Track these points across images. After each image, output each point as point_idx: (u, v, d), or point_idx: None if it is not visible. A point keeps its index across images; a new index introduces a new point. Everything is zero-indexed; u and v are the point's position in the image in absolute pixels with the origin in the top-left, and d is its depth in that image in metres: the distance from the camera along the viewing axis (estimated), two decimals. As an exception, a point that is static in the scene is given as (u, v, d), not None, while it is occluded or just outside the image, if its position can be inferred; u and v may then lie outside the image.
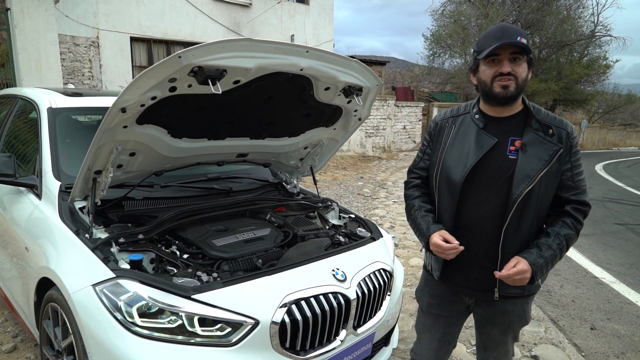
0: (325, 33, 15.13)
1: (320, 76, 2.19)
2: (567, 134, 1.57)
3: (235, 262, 2.07)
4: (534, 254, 1.56)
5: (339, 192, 8.56)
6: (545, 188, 1.56)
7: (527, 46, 1.51)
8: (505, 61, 1.53)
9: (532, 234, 1.61)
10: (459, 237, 1.65)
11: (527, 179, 1.53)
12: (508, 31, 1.52)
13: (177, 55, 1.63)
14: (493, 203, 1.60)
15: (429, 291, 1.87)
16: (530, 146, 1.55)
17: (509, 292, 1.63)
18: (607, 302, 3.88)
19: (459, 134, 1.69)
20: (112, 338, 1.67)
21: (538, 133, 1.56)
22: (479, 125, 1.64)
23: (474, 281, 1.69)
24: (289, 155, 2.97)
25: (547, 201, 1.60)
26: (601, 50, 26.69)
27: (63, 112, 2.76)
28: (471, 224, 1.64)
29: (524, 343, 3.08)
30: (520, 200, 1.54)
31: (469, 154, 1.62)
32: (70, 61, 9.59)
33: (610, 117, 39.21)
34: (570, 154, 1.57)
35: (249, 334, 1.73)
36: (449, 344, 1.88)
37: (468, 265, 1.69)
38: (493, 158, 1.60)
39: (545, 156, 1.53)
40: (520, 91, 1.56)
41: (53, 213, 2.19)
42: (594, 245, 5.65)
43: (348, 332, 2.04)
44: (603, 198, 9.23)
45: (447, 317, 1.83)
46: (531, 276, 1.55)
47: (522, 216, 1.56)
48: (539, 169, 1.52)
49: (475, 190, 1.62)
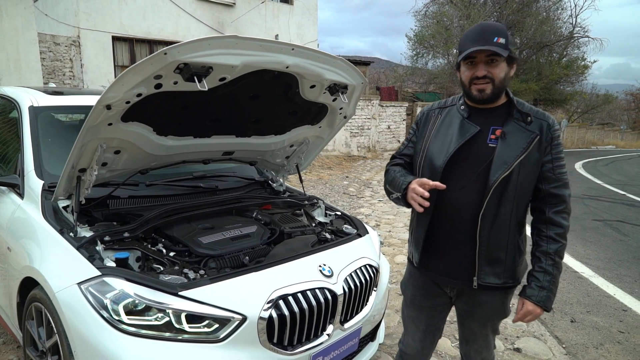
0: (309, 33, 15.15)
1: (306, 74, 2.20)
2: (547, 125, 1.60)
3: (222, 259, 2.07)
4: (534, 290, 1.61)
5: (324, 191, 8.58)
6: (524, 177, 1.58)
7: (503, 47, 1.52)
8: (481, 64, 1.56)
9: (511, 223, 1.62)
10: (440, 223, 1.71)
11: (504, 165, 1.56)
12: (486, 33, 1.54)
13: (163, 52, 1.63)
14: (472, 190, 1.63)
15: (412, 283, 1.91)
16: (510, 135, 1.59)
17: (488, 281, 1.67)
18: (587, 296, 3.98)
19: (443, 124, 1.73)
20: (98, 336, 1.66)
21: (519, 122, 1.60)
22: (463, 115, 1.69)
23: (455, 268, 1.72)
24: (275, 154, 2.98)
25: (527, 191, 1.62)
26: (579, 51, 27.32)
27: (45, 111, 2.72)
28: (452, 210, 1.68)
29: (507, 336, 3.15)
30: (497, 186, 1.57)
31: (452, 141, 1.66)
32: (51, 60, 9.42)
33: (588, 117, 40.12)
34: (551, 146, 1.60)
35: (237, 329, 1.74)
36: (433, 334, 1.91)
37: (449, 252, 1.73)
38: (474, 146, 1.64)
39: (523, 143, 1.57)
40: (498, 91, 1.60)
41: (36, 212, 2.16)
42: (574, 241, 5.78)
43: (335, 327, 2.06)
44: (582, 195, 9.44)
45: (430, 309, 1.87)
46: (544, 307, 1.61)
47: (500, 204, 1.59)
48: (517, 156, 1.56)
49: (456, 176, 1.66)
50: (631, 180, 12.61)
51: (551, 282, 1.61)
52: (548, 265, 1.61)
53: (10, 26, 7.27)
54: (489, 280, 1.66)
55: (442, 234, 1.73)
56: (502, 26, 1.59)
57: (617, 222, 7.00)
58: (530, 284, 1.64)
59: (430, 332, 1.90)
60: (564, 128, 29.95)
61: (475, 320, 1.78)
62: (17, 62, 7.38)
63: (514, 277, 1.68)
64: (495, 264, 1.65)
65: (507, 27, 1.68)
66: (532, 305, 1.62)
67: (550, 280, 1.61)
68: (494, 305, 1.72)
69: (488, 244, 1.63)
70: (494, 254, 1.64)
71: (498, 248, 1.64)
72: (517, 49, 25.19)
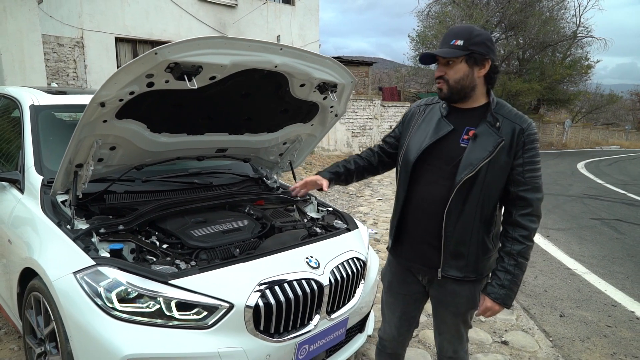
0: (311, 34, 15.23)
1: (295, 73, 2.28)
2: (520, 130, 1.63)
3: (213, 251, 2.15)
4: (494, 288, 1.67)
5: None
6: (491, 178, 1.64)
7: (459, 49, 1.60)
8: (440, 65, 1.68)
9: (475, 221, 1.69)
10: (412, 214, 1.81)
11: (470, 166, 1.63)
12: (447, 36, 1.66)
13: (154, 52, 1.71)
14: (441, 186, 1.71)
15: (390, 270, 1.99)
16: (480, 137, 1.65)
17: (450, 274, 1.75)
18: (578, 292, 4.04)
19: (425, 120, 1.82)
20: (92, 322, 1.75)
21: (489, 125, 1.66)
22: (442, 114, 1.77)
23: (424, 258, 1.81)
24: (269, 151, 3.06)
25: (494, 192, 1.67)
26: (583, 51, 27.29)
27: (45, 109, 2.81)
28: (422, 203, 1.77)
29: (495, 330, 3.21)
30: (462, 186, 1.64)
31: (426, 138, 1.75)
32: (55, 61, 9.56)
33: (593, 117, 39.98)
34: (523, 150, 1.63)
35: (224, 317, 1.82)
36: (408, 322, 1.99)
37: (418, 242, 1.82)
38: (447, 144, 1.72)
39: (489, 147, 1.63)
40: (455, 91, 1.67)
41: (35, 206, 2.25)
42: (569, 239, 5.83)
43: (321, 316, 2.14)
44: (582, 195, 9.47)
45: (405, 296, 1.95)
46: (503, 304, 1.67)
47: (466, 202, 1.66)
48: (482, 159, 1.62)
49: (427, 171, 1.75)
50: (633, 180, 12.60)
51: (512, 281, 1.65)
52: (510, 265, 1.65)
53: (14, 28, 7.39)
54: (451, 273, 1.75)
55: (413, 223, 1.82)
56: (467, 28, 1.64)
57: (615, 220, 7.04)
58: (492, 281, 1.70)
59: (406, 319, 1.98)
60: (568, 128, 29.92)
61: (446, 309, 1.85)
62: (22, 63, 7.50)
63: (477, 271, 1.74)
64: (459, 258, 1.73)
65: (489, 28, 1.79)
66: (490, 302, 1.68)
67: (510, 279, 1.65)
68: (463, 295, 1.78)
69: (452, 239, 1.70)
70: (457, 248, 1.71)
71: (461, 244, 1.71)
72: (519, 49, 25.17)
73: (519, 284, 1.69)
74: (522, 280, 1.70)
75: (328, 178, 2.04)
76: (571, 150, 25.55)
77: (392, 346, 2.05)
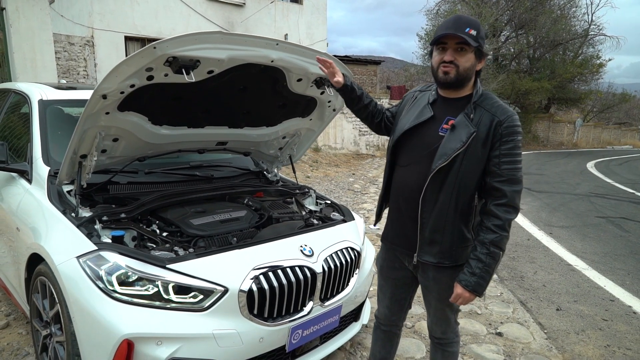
0: (318, 32, 15.30)
1: (292, 68, 2.35)
2: (498, 122, 1.66)
3: (211, 239, 2.24)
4: (466, 275, 1.71)
5: (329, 187, 8.73)
6: (467, 169, 1.69)
7: (473, 37, 1.63)
8: (450, 50, 1.67)
9: (450, 210, 1.74)
10: (393, 197, 1.92)
11: (444, 156, 1.69)
12: (459, 22, 1.65)
13: (152, 46, 1.80)
14: (418, 172, 1.78)
15: (382, 255, 2.08)
16: (457, 127, 1.70)
17: (424, 259, 1.82)
18: (576, 287, 4.06)
19: (414, 105, 1.89)
20: (94, 304, 1.83)
21: (466, 117, 1.70)
22: (429, 100, 1.83)
23: (405, 241, 1.89)
24: (269, 144, 3.14)
25: (470, 182, 1.72)
26: (595, 49, 26.98)
27: (53, 104, 2.92)
28: (401, 186, 1.87)
29: (491, 322, 3.26)
30: (437, 175, 1.70)
31: (408, 122, 1.84)
32: (66, 60, 9.74)
33: (605, 116, 39.45)
34: (500, 142, 1.66)
35: (219, 300, 1.90)
36: (399, 304, 2.07)
37: (399, 224, 1.91)
38: (426, 131, 1.79)
39: (463, 137, 1.67)
40: (461, 78, 1.70)
41: (42, 195, 2.35)
42: (572, 236, 5.83)
43: (315, 303, 2.21)
44: (589, 193, 9.42)
45: (394, 280, 2.02)
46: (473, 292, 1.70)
47: (441, 191, 1.72)
48: (456, 149, 1.67)
49: (405, 154, 1.85)
50: (643, 179, 12.48)
51: (483, 269, 1.68)
52: (482, 253, 1.68)
53: (26, 27, 7.56)
54: (425, 259, 1.82)
55: (394, 207, 1.93)
56: (477, 20, 1.69)
57: (620, 219, 7.01)
58: (464, 269, 1.74)
59: (396, 300, 2.06)
60: (579, 127, 29.61)
61: (431, 293, 1.92)
62: (33, 62, 7.67)
63: (451, 258, 1.79)
64: (433, 245, 1.79)
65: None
66: (461, 289, 1.72)
67: (482, 267, 1.68)
68: (444, 282, 1.83)
69: (427, 226, 1.77)
70: (432, 236, 1.78)
71: (436, 231, 1.77)
72: (529, 47, 25.01)
73: (492, 273, 1.72)
74: (495, 270, 1.72)
75: (347, 82, 1.97)
76: (582, 150, 25.30)
77: (386, 324, 2.14)
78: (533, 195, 8.94)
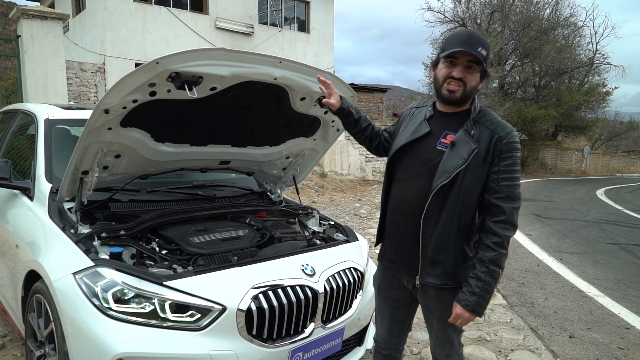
0: (325, 60, 15.56)
1: (295, 86, 2.35)
2: (498, 138, 1.63)
3: (210, 257, 2.19)
4: (465, 295, 1.66)
5: (335, 212, 8.67)
6: (468, 186, 1.65)
7: (484, 58, 1.62)
8: (460, 66, 1.65)
9: (453, 228, 1.69)
10: (391, 214, 1.86)
11: (445, 173, 1.65)
12: (473, 39, 1.63)
13: (155, 61, 1.81)
14: (417, 187, 1.74)
15: (379, 275, 2.01)
16: (457, 144, 1.67)
17: (428, 281, 1.75)
18: (590, 314, 3.92)
19: (411, 121, 1.88)
20: (88, 322, 1.79)
21: (466, 133, 1.67)
22: (425, 116, 1.81)
23: (404, 259, 1.82)
24: (272, 164, 3.12)
25: (472, 200, 1.68)
26: (600, 77, 27.10)
27: (59, 123, 2.94)
28: (399, 201, 1.81)
29: (501, 349, 3.14)
30: (439, 192, 1.66)
31: (405, 137, 1.81)
32: (77, 86, 9.95)
33: (613, 144, 39.30)
34: (499, 158, 1.63)
35: (217, 319, 1.84)
36: (399, 325, 1.98)
37: (397, 241, 1.85)
38: (423, 146, 1.76)
39: (464, 154, 1.64)
40: (466, 97, 1.69)
41: (42, 212, 2.33)
42: (583, 263, 5.69)
43: (317, 325, 2.13)
44: (600, 220, 9.26)
45: (393, 300, 1.95)
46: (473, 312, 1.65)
47: (443, 209, 1.68)
48: (457, 166, 1.63)
49: (402, 168, 1.81)
50: (655, 206, 12.27)
51: (483, 288, 1.63)
52: (481, 272, 1.64)
53: (40, 54, 7.76)
54: (429, 280, 1.75)
55: (392, 224, 1.86)
56: (488, 41, 1.67)
57: (633, 245, 6.85)
58: (463, 288, 1.68)
59: (396, 322, 1.97)
60: (587, 155, 29.46)
61: (432, 314, 1.84)
62: (45, 87, 7.83)
63: (455, 279, 1.73)
64: (436, 266, 1.73)
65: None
66: (461, 309, 1.66)
67: (481, 286, 1.63)
68: (445, 302, 1.75)
69: (430, 246, 1.71)
70: (435, 256, 1.72)
71: (439, 251, 1.71)
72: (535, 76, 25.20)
73: (492, 292, 1.66)
74: (494, 289, 1.67)
75: (344, 105, 1.95)
76: (590, 178, 25.07)
77: (386, 347, 2.05)
78: (542, 222, 8.80)
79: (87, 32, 10.68)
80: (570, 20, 26.22)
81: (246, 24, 13.59)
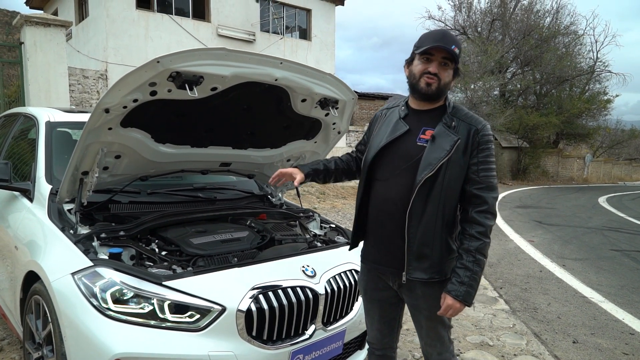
0: (327, 68, 15.60)
1: (296, 87, 2.34)
2: (475, 130, 1.70)
3: (210, 259, 2.17)
4: (455, 285, 1.67)
5: (336, 218, 8.65)
6: (450, 178, 1.68)
7: (457, 55, 1.69)
8: (436, 62, 1.70)
9: (437, 222, 1.71)
10: (373, 214, 1.85)
11: (429, 166, 1.67)
12: (446, 38, 1.70)
13: (156, 60, 1.80)
14: (400, 184, 1.74)
15: (363, 278, 2.00)
16: (438, 137, 1.71)
17: (415, 276, 1.74)
18: (593, 319, 3.88)
19: (385, 123, 1.89)
20: (86, 322, 1.77)
21: (446, 126, 1.72)
22: (400, 115, 1.83)
23: (388, 258, 1.81)
24: (273, 167, 3.10)
25: (453, 192, 1.71)
26: (601, 85, 27.17)
27: (60, 126, 2.94)
28: (382, 200, 1.81)
29: (504, 354, 3.10)
30: (423, 186, 1.68)
31: (383, 138, 1.82)
32: (79, 92, 9.98)
33: (614, 152, 39.26)
34: (477, 149, 1.69)
35: (216, 320, 1.82)
36: (389, 325, 1.97)
37: (383, 242, 1.83)
38: (404, 143, 1.77)
39: (446, 146, 1.68)
40: (440, 92, 1.74)
41: (42, 213, 2.32)
42: (586, 269, 5.65)
43: (317, 327, 2.11)
44: (602, 227, 9.21)
45: (380, 301, 1.94)
46: (463, 302, 1.66)
47: (428, 202, 1.69)
48: (441, 158, 1.67)
49: (383, 168, 1.81)
50: (657, 214, 12.22)
51: (471, 277, 1.66)
52: (468, 261, 1.66)
53: (43, 61, 7.80)
54: (416, 276, 1.74)
55: (375, 224, 1.85)
56: (459, 41, 1.74)
57: (636, 252, 6.80)
58: (452, 279, 1.69)
59: (385, 322, 1.97)
60: (589, 163, 29.42)
61: (420, 312, 1.83)
62: (48, 94, 7.86)
63: (441, 272, 1.74)
64: (422, 260, 1.73)
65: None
66: (451, 299, 1.67)
67: (470, 276, 1.66)
68: (433, 297, 1.75)
69: (416, 241, 1.71)
70: (421, 250, 1.72)
71: (425, 245, 1.71)
72: (536, 84, 25.25)
73: (479, 281, 1.69)
74: (481, 278, 1.70)
75: (306, 172, 2.00)
76: (592, 185, 25.02)
77: (379, 348, 2.03)
78: (544, 228, 8.77)
79: (90, 40, 10.75)
80: (570, 29, 26.41)
81: (248, 32, 13.68)
